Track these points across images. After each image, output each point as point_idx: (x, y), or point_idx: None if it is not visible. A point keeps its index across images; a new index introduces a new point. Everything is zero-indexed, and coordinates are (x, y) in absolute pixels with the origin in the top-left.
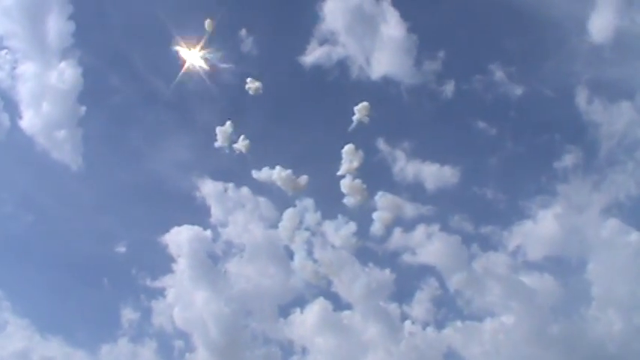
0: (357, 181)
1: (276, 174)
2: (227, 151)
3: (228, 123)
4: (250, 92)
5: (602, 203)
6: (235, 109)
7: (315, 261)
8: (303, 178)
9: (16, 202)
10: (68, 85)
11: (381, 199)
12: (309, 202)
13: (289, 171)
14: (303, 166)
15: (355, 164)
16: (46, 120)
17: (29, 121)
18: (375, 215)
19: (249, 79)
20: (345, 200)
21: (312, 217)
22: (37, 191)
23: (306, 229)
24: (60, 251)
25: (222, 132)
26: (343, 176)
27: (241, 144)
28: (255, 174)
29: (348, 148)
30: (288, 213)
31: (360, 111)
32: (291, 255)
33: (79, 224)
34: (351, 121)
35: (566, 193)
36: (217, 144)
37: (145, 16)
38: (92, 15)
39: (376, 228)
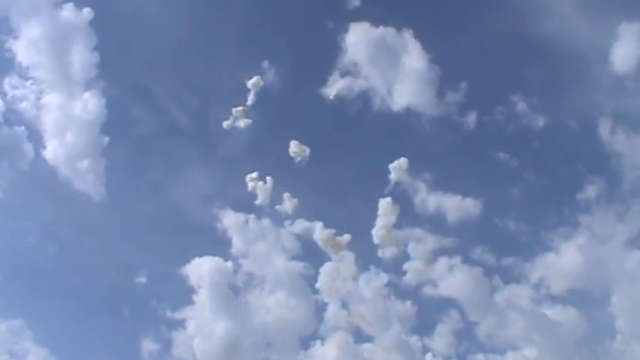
0: (393, 232)
1: (318, 233)
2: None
3: (269, 179)
4: (295, 157)
5: (626, 235)
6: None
7: (348, 311)
8: (345, 238)
9: (38, 233)
10: (92, 116)
11: (415, 249)
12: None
13: (331, 230)
14: (327, 209)
15: (392, 219)
16: (70, 150)
17: (53, 151)
18: (408, 266)
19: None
20: (380, 252)
21: (346, 269)
22: (59, 221)
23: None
24: (81, 281)
25: (263, 190)
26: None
27: (288, 204)
28: (288, 226)
29: (385, 202)
30: (327, 268)
31: (397, 169)
32: (311, 286)
33: (100, 255)
34: (373, 154)
35: (589, 224)
36: (258, 200)
37: (167, 49)
38: (116, 46)
39: (409, 278)
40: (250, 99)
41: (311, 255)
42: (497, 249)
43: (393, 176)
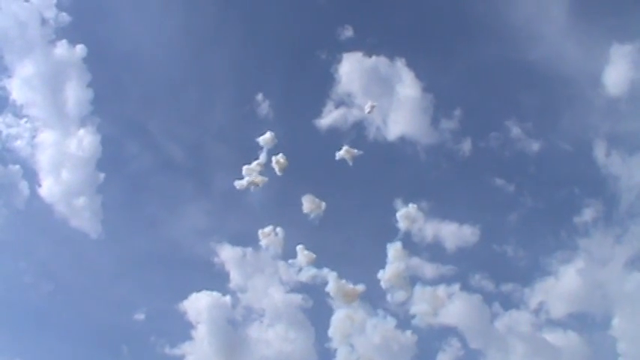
0: (402, 274)
1: (332, 285)
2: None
3: (280, 230)
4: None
5: (625, 256)
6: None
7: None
8: (359, 288)
9: (35, 271)
10: (87, 153)
11: (421, 291)
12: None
13: (344, 281)
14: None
15: (403, 266)
16: (65, 188)
17: (48, 189)
18: (416, 309)
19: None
20: (388, 296)
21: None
22: (56, 260)
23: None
24: (79, 319)
25: (276, 241)
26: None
27: (304, 257)
28: (296, 273)
29: (394, 248)
30: (340, 316)
31: (405, 218)
32: (313, 321)
33: (98, 292)
34: (369, 183)
35: (587, 247)
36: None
37: (161, 84)
38: (110, 82)
39: (417, 322)
40: (262, 157)
41: (309, 287)
42: (496, 275)
43: (402, 225)
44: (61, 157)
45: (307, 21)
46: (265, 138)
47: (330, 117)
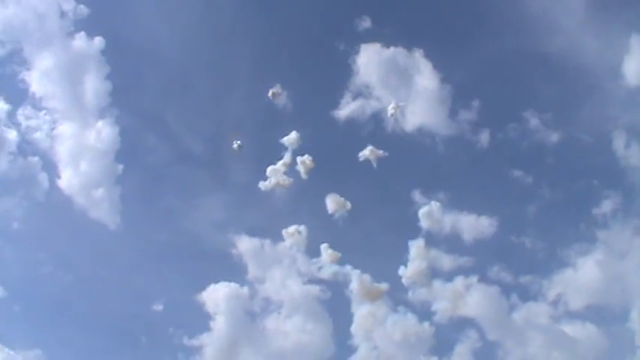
0: (424, 271)
1: (355, 283)
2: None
3: (302, 228)
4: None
5: None
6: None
7: (378, 351)
8: (382, 287)
9: (54, 263)
10: (106, 144)
11: (441, 287)
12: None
13: (367, 275)
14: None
15: (425, 264)
16: (84, 179)
17: (67, 180)
18: (437, 307)
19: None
20: (410, 292)
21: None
22: (75, 251)
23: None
24: (98, 310)
25: (299, 240)
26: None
27: (328, 256)
28: (316, 268)
29: (417, 246)
30: (363, 313)
31: (427, 215)
32: (328, 309)
33: (116, 283)
34: (387, 175)
35: (606, 239)
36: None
37: (179, 76)
38: (128, 74)
39: (439, 318)
40: (287, 157)
41: (326, 278)
42: (514, 267)
43: (424, 223)
44: (79, 148)
45: (325, 12)
46: (290, 138)
47: (347, 108)
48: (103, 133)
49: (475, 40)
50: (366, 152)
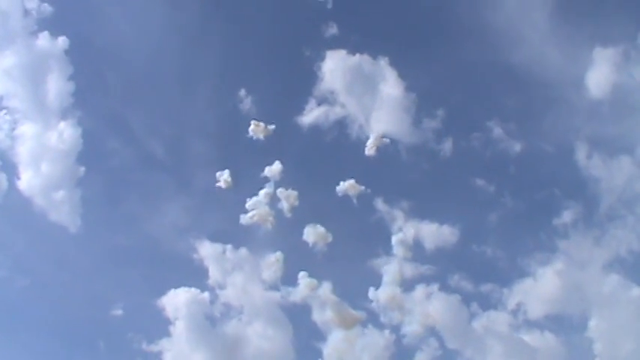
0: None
1: (331, 311)
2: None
3: (279, 254)
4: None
5: (604, 259)
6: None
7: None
8: (359, 315)
9: (11, 265)
10: (67, 146)
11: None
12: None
13: (347, 306)
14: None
15: (398, 289)
16: (45, 181)
17: (27, 182)
18: (408, 329)
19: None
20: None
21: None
22: (33, 253)
23: None
24: (55, 315)
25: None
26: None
27: (306, 285)
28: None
29: (391, 270)
30: (338, 339)
31: (401, 244)
32: (289, 315)
33: (75, 287)
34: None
35: (566, 249)
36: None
37: (143, 79)
38: (92, 76)
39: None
40: (269, 189)
41: (288, 284)
42: (474, 276)
43: (397, 251)
44: (40, 149)
45: (292, 18)
46: (273, 169)
47: (312, 114)
48: (65, 134)
49: (440, 49)
50: (346, 186)
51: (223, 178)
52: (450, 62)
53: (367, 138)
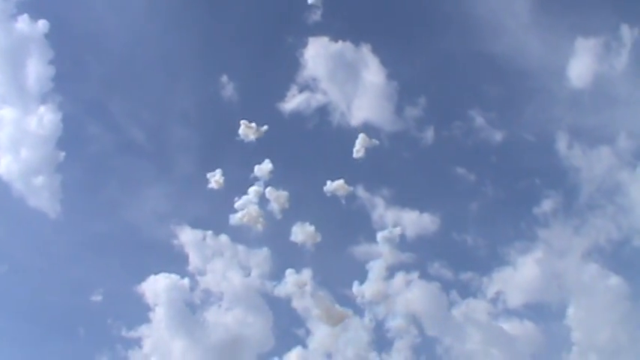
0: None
1: (317, 308)
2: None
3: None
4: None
5: (583, 248)
6: (216, 157)
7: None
8: (346, 312)
9: None
10: (47, 131)
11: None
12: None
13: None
14: None
15: (383, 286)
16: (24, 166)
17: (6, 167)
18: (393, 324)
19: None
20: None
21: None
22: (12, 239)
23: None
24: (34, 300)
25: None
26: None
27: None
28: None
29: (377, 267)
30: (323, 335)
31: (386, 241)
32: (269, 302)
33: (54, 273)
34: (330, 169)
35: (546, 238)
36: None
37: (124, 64)
38: (72, 60)
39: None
40: (257, 188)
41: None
42: (454, 264)
43: (383, 247)
44: (20, 134)
45: (274, 4)
46: (262, 168)
47: (293, 101)
48: (45, 119)
49: (422, 38)
50: (335, 186)
51: (215, 179)
52: (432, 51)
53: (349, 125)
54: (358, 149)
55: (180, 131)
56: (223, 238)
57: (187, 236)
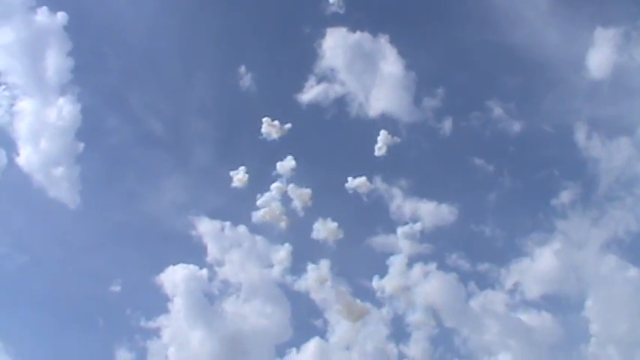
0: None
1: (338, 303)
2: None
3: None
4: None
5: (601, 239)
6: (235, 149)
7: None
8: (367, 307)
9: (10, 242)
10: (66, 122)
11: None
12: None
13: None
14: None
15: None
16: (44, 157)
17: (26, 158)
18: (412, 319)
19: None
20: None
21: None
22: (33, 230)
23: None
24: (54, 291)
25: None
26: None
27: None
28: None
29: (398, 262)
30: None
31: (406, 237)
32: (287, 293)
33: (74, 264)
34: (349, 160)
35: (564, 229)
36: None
37: (142, 55)
38: (91, 52)
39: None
40: (280, 185)
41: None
42: (472, 255)
43: (403, 244)
44: (39, 125)
45: None
46: (284, 165)
47: (312, 92)
48: (64, 110)
49: (441, 28)
50: (356, 183)
51: (238, 177)
52: (451, 41)
53: (367, 116)
54: (380, 147)
55: (198, 122)
56: (241, 228)
57: (205, 227)
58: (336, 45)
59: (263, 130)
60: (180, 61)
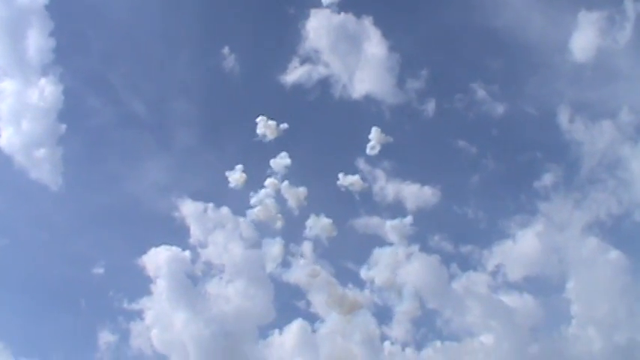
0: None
1: (329, 297)
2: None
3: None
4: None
5: (583, 222)
6: (214, 130)
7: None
8: (360, 300)
9: None
10: (48, 103)
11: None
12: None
13: (350, 292)
14: None
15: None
16: (26, 138)
17: (8, 139)
18: (399, 309)
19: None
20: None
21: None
22: (15, 212)
23: None
24: (37, 273)
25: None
26: None
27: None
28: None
29: (385, 253)
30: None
31: (394, 229)
32: (270, 275)
33: (56, 246)
34: (332, 141)
35: (546, 211)
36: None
37: (124, 36)
38: (73, 32)
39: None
40: (274, 181)
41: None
42: (455, 237)
43: (393, 236)
44: (21, 107)
45: None
46: (278, 162)
47: (295, 73)
48: (46, 91)
49: (424, 10)
50: (349, 180)
51: (234, 177)
52: (435, 24)
53: (350, 98)
54: (373, 145)
55: (181, 104)
56: (224, 210)
57: (188, 208)
58: (319, 26)
59: (258, 130)
60: (163, 42)
